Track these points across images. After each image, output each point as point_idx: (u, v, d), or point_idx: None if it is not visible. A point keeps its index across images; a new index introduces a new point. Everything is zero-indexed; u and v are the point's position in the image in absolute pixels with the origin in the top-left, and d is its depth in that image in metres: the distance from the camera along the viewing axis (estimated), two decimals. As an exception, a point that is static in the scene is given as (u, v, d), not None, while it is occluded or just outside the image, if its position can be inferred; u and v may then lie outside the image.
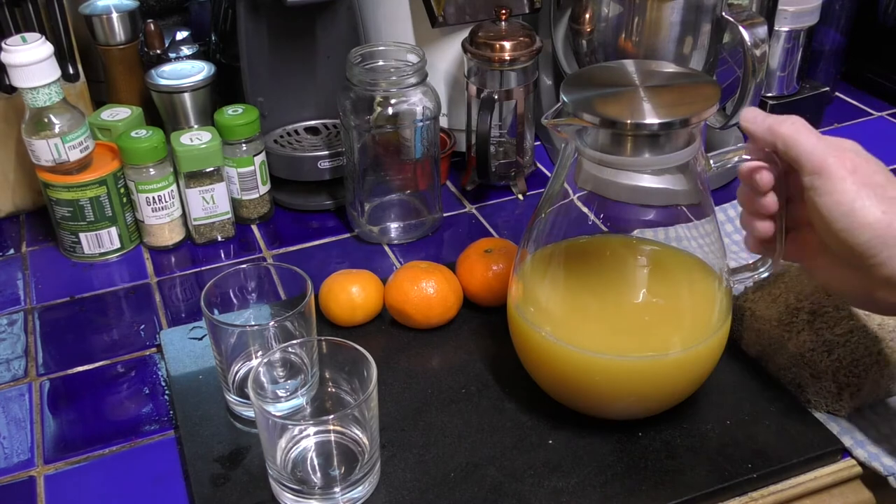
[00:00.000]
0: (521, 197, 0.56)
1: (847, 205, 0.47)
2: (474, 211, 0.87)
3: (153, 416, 0.64)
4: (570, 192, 0.56)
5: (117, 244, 0.82)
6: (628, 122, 0.49)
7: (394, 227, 0.83)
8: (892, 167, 0.51)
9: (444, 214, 0.86)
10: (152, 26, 0.91)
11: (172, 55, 0.95)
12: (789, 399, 0.61)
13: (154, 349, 0.71)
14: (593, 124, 0.50)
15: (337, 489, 0.54)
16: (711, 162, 0.54)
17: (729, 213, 0.82)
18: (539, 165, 0.93)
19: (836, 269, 0.51)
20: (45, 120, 0.76)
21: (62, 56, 0.83)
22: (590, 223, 0.58)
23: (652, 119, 0.49)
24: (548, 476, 0.55)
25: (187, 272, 0.80)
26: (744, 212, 0.55)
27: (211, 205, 0.81)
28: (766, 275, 0.58)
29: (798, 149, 0.49)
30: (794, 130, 0.49)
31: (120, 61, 0.90)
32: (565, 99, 0.52)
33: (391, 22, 0.89)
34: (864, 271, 0.48)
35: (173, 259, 0.82)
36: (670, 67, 0.55)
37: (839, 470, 0.57)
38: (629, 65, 0.55)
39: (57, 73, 0.74)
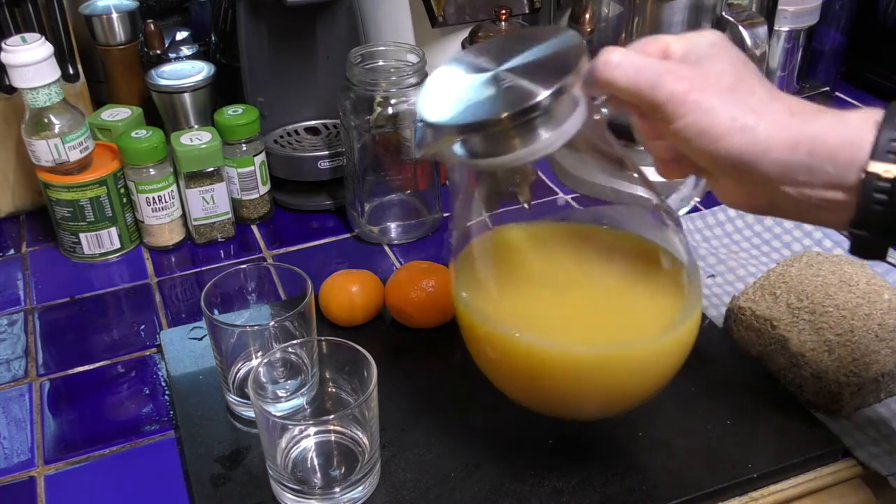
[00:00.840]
0: (526, 206, 0.55)
1: (693, 126, 0.44)
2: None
3: (153, 416, 0.64)
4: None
5: (117, 244, 0.82)
6: (504, 115, 0.44)
7: (394, 227, 0.83)
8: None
9: (445, 214, 0.86)
10: (152, 26, 0.91)
11: (172, 55, 0.95)
12: (789, 399, 0.61)
13: (154, 349, 0.71)
14: (469, 132, 0.46)
15: (337, 489, 0.54)
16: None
17: (729, 213, 0.82)
18: (539, 174, 0.93)
19: (730, 185, 0.48)
20: (45, 120, 0.76)
21: (62, 56, 0.83)
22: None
23: (529, 101, 0.44)
24: (548, 476, 0.55)
25: (187, 272, 0.80)
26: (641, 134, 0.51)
27: (211, 205, 0.81)
28: (698, 197, 0.54)
29: (620, 90, 0.46)
30: (610, 75, 0.46)
31: (120, 61, 0.90)
32: (428, 121, 0.47)
33: (391, 22, 0.89)
34: (751, 183, 0.45)
35: (173, 259, 0.82)
36: (531, 33, 0.51)
37: (839, 470, 0.57)
38: (479, 51, 0.50)
39: (57, 73, 0.74)
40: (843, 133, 0.41)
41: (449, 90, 0.48)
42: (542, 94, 0.44)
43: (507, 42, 0.52)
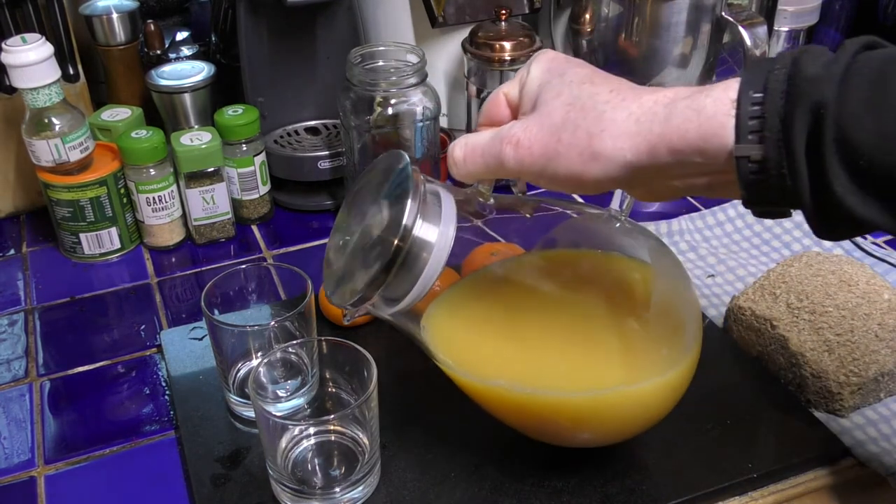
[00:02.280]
0: (520, 196, 0.55)
1: (552, 176, 0.44)
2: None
3: (154, 416, 0.64)
4: None
5: (117, 244, 0.82)
6: (365, 287, 0.45)
7: (394, 227, 0.83)
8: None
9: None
10: (152, 27, 0.91)
11: (172, 55, 0.95)
12: (789, 399, 0.61)
13: (154, 349, 0.71)
14: (357, 304, 0.47)
15: (337, 489, 0.54)
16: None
17: (729, 213, 0.82)
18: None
19: (632, 192, 0.47)
20: (46, 120, 0.76)
21: (62, 57, 0.83)
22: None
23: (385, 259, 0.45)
24: (548, 476, 0.55)
25: (187, 272, 0.80)
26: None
27: (211, 205, 0.81)
28: (622, 208, 0.54)
29: (480, 177, 0.48)
30: (466, 171, 0.48)
31: (120, 62, 0.90)
32: (331, 300, 0.49)
33: (391, 22, 0.89)
34: (641, 187, 0.45)
35: (173, 259, 0.82)
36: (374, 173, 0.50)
37: (839, 470, 0.57)
38: (349, 207, 0.51)
39: (57, 73, 0.74)
40: (701, 124, 0.39)
41: (336, 259, 0.50)
42: (388, 255, 0.45)
43: (362, 189, 0.52)
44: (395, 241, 0.45)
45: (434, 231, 0.46)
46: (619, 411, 0.51)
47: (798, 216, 0.40)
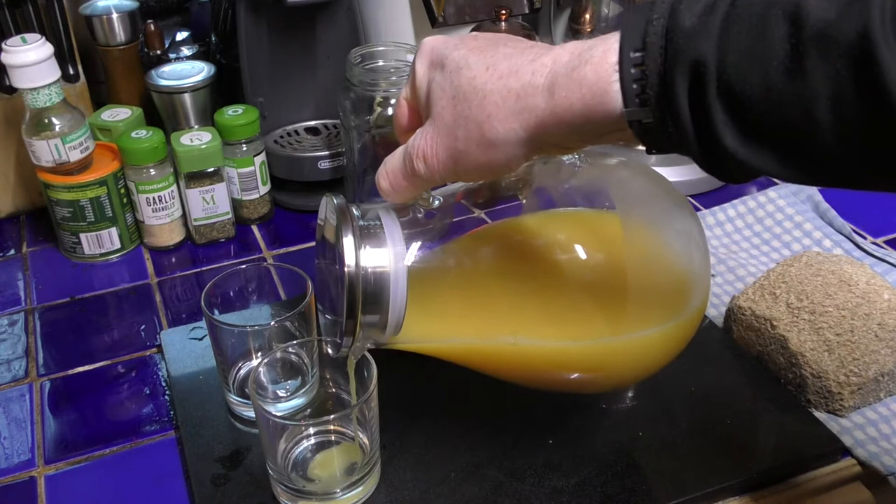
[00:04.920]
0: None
1: (463, 172, 0.44)
2: (483, 216, 0.87)
3: (154, 416, 0.64)
4: None
5: (118, 244, 0.82)
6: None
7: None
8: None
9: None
10: (152, 27, 0.91)
11: (172, 55, 0.95)
12: (789, 399, 0.61)
13: (154, 349, 0.71)
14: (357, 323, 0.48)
15: (337, 489, 0.54)
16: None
17: (729, 213, 0.82)
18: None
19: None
20: (46, 120, 0.76)
21: (62, 57, 0.83)
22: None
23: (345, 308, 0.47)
24: (548, 476, 0.55)
25: (188, 272, 0.80)
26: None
27: (211, 205, 0.81)
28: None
29: (417, 193, 0.48)
30: (401, 197, 0.48)
31: (120, 62, 0.90)
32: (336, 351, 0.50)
33: (391, 22, 0.89)
34: (559, 151, 0.45)
35: (174, 259, 0.82)
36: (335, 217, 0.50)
37: (839, 470, 0.57)
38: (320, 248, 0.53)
39: (57, 73, 0.74)
40: (584, 96, 0.39)
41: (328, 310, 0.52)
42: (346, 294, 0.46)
43: (320, 242, 0.53)
44: (347, 273, 0.46)
45: (383, 252, 0.47)
46: (610, 360, 0.52)
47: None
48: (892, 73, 0.30)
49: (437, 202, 0.52)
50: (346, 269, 0.46)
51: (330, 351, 0.51)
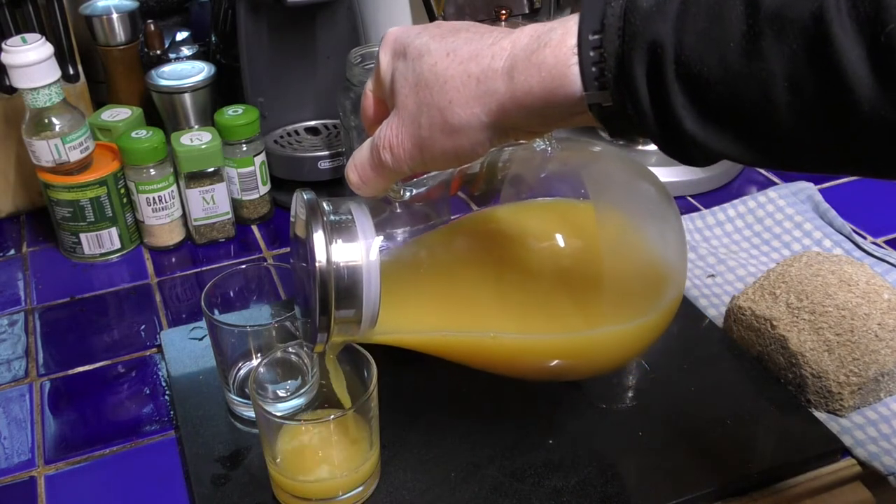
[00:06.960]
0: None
1: (430, 161, 0.44)
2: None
3: (154, 416, 0.64)
4: None
5: (118, 244, 0.82)
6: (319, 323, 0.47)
7: (394, 227, 0.83)
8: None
9: (453, 217, 0.85)
10: (152, 27, 0.91)
11: (172, 55, 0.95)
12: (789, 399, 0.61)
13: (154, 349, 0.71)
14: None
15: (339, 492, 0.54)
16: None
17: (729, 213, 0.82)
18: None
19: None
20: (46, 120, 0.76)
21: (62, 57, 0.83)
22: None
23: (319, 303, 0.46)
24: (548, 476, 0.55)
25: (187, 272, 0.80)
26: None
27: (211, 205, 0.81)
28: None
29: (386, 186, 0.48)
30: (371, 190, 0.48)
31: (120, 62, 0.90)
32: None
33: (391, 22, 0.89)
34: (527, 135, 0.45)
35: (174, 259, 0.82)
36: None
37: (839, 470, 0.57)
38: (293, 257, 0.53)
39: (57, 73, 0.74)
40: (543, 79, 0.38)
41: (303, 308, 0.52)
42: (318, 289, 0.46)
43: (293, 240, 0.53)
44: (318, 268, 0.46)
45: (354, 246, 0.47)
46: (584, 353, 0.52)
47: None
48: (847, 53, 0.30)
49: (408, 194, 0.52)
50: (316, 265, 0.46)
51: (306, 349, 0.50)
